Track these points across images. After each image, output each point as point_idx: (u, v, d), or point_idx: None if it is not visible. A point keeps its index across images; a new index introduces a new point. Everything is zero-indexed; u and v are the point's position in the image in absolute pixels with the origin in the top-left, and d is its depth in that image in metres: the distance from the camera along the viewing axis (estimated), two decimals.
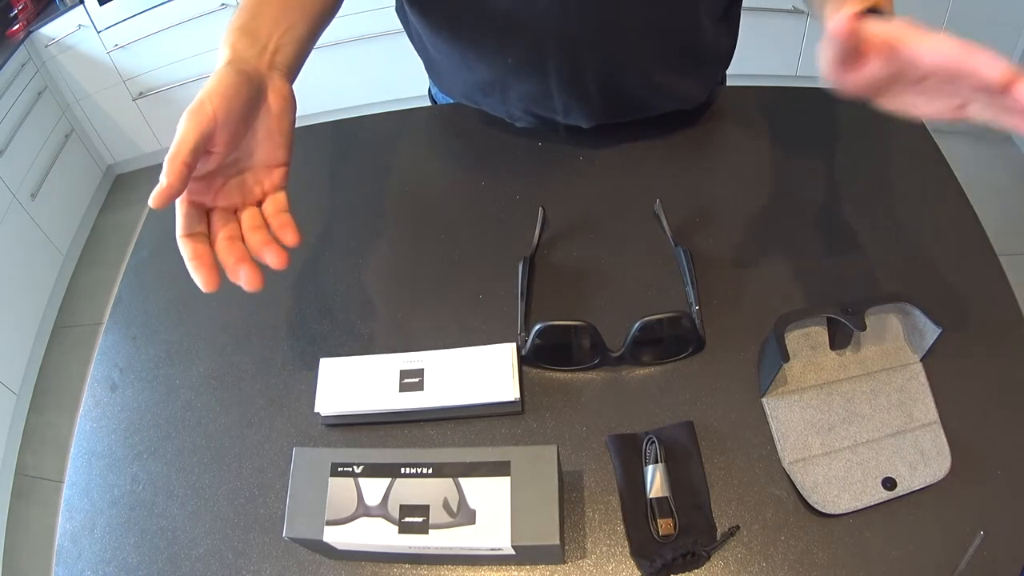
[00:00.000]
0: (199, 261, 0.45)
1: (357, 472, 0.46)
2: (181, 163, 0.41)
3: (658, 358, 0.57)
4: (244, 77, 0.45)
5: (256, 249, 0.47)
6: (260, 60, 0.48)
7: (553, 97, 0.69)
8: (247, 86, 0.45)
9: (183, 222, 0.46)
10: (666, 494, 0.49)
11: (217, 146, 0.44)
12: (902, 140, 0.73)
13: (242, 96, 0.45)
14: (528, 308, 0.62)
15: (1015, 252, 1.67)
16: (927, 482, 0.49)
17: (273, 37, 0.50)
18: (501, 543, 0.43)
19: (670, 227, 0.65)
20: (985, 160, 1.97)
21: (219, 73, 0.45)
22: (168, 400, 0.61)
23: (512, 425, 0.56)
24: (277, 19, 0.51)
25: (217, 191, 0.48)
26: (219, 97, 0.44)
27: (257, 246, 0.47)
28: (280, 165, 0.49)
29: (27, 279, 1.93)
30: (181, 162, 0.41)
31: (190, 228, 0.46)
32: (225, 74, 0.45)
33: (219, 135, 0.44)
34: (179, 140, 0.42)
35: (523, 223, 0.67)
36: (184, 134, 0.42)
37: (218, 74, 0.45)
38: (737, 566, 0.47)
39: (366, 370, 0.56)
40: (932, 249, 0.62)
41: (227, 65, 0.46)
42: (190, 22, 2.03)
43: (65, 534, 0.55)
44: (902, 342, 0.56)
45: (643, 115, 0.73)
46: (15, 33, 1.99)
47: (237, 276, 0.46)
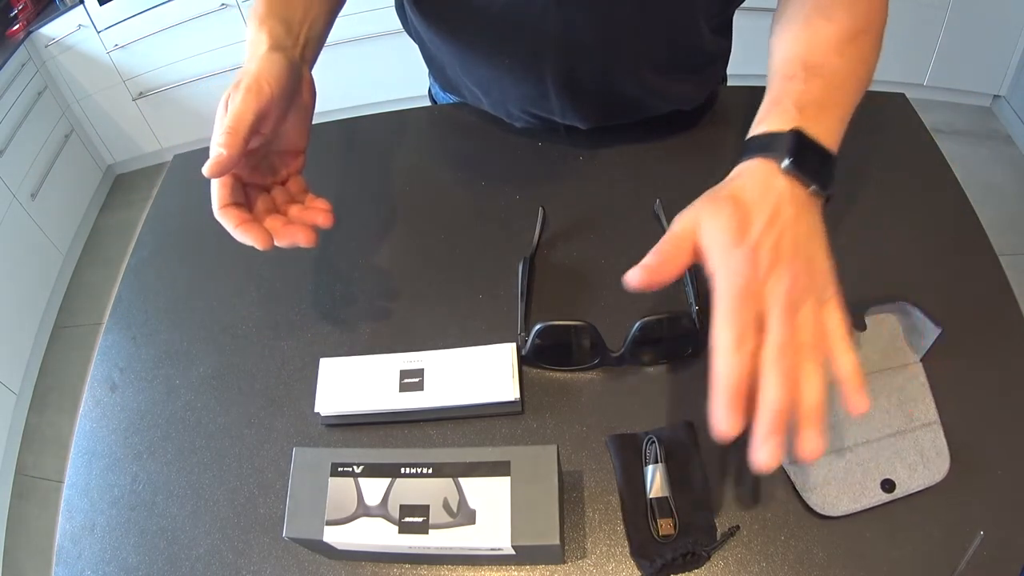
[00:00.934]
0: (248, 225, 0.47)
1: (357, 472, 0.46)
2: (241, 136, 0.43)
3: (658, 358, 0.57)
4: (291, 65, 0.48)
5: (296, 219, 0.50)
6: (295, 51, 0.50)
7: (550, 98, 0.69)
8: (293, 74, 0.48)
9: (224, 192, 0.47)
10: (666, 494, 0.49)
11: (266, 126, 0.47)
12: (902, 140, 0.73)
13: (290, 82, 0.47)
14: (528, 308, 0.62)
15: (1015, 252, 1.67)
16: (926, 483, 0.49)
17: (303, 29, 0.52)
18: (501, 543, 0.43)
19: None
20: (985, 160, 1.97)
21: (268, 58, 0.47)
22: (168, 400, 0.61)
23: (512, 425, 0.56)
24: (306, 10, 0.52)
25: (253, 168, 0.50)
26: (275, 79, 0.46)
27: (296, 216, 0.50)
28: (301, 152, 0.52)
29: (27, 279, 1.94)
30: (241, 136, 0.43)
31: (231, 199, 0.47)
32: (276, 59, 0.47)
33: (270, 116, 0.46)
34: (238, 114, 0.44)
35: (523, 223, 0.67)
36: (242, 110, 0.44)
37: (268, 59, 0.47)
38: (737, 566, 0.47)
39: (366, 370, 0.56)
40: (932, 249, 0.62)
41: (273, 51, 0.48)
42: (190, 22, 2.03)
43: (65, 534, 0.55)
44: (902, 342, 0.56)
45: (640, 117, 0.74)
46: (15, 33, 1.99)
47: (293, 237, 0.48)
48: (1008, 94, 2.01)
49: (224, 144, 0.43)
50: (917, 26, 1.91)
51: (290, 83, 0.48)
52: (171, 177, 0.82)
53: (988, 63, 1.97)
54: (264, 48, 0.48)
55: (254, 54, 0.48)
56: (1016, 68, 1.94)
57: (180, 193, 0.80)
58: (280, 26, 0.50)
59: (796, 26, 0.51)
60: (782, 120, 0.45)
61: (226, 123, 0.44)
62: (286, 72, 0.47)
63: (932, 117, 2.01)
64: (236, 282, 0.68)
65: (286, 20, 0.51)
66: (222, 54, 2.12)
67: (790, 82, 0.47)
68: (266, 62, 0.47)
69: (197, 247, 0.73)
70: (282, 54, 0.48)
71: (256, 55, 0.48)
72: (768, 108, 0.47)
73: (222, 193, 0.47)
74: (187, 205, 0.79)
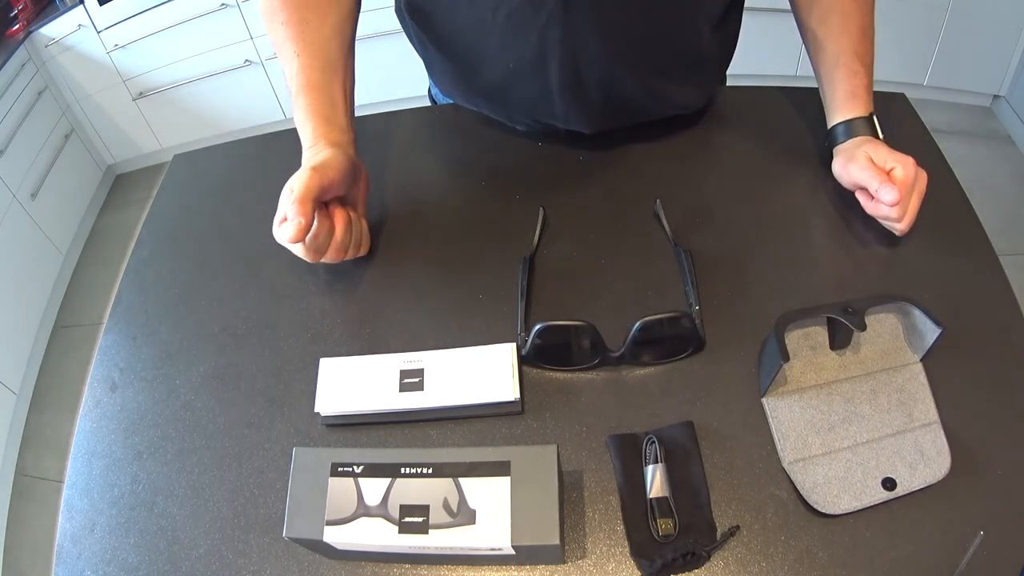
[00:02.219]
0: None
1: (357, 472, 0.46)
2: (309, 205, 0.56)
3: (658, 358, 0.57)
4: (350, 161, 0.62)
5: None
6: (351, 146, 0.64)
7: (554, 102, 0.69)
8: (351, 167, 0.62)
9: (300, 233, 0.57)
10: (666, 494, 0.49)
11: (326, 196, 0.60)
12: (902, 140, 0.73)
13: (348, 173, 0.61)
14: (528, 308, 0.62)
15: (1015, 252, 1.67)
16: (927, 482, 0.49)
17: (350, 125, 0.65)
18: (501, 543, 0.43)
19: (670, 227, 0.65)
20: (985, 160, 1.97)
21: (334, 155, 0.60)
22: (168, 400, 0.61)
23: (512, 425, 0.56)
24: (347, 108, 0.66)
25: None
26: (334, 171, 0.59)
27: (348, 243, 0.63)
28: (362, 201, 0.67)
29: (27, 279, 1.93)
30: (309, 204, 0.56)
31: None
32: (338, 157, 0.60)
33: (329, 191, 0.59)
34: (304, 188, 0.56)
35: (523, 223, 0.67)
36: (308, 184, 0.56)
37: (334, 156, 0.60)
38: (737, 566, 0.47)
39: (366, 370, 0.56)
40: (932, 249, 0.63)
41: (336, 148, 0.61)
42: (190, 22, 2.03)
43: (65, 534, 0.55)
44: (902, 342, 0.56)
45: (642, 120, 0.74)
46: (15, 33, 1.99)
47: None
48: (1008, 94, 2.01)
49: (298, 213, 0.55)
50: (917, 26, 1.91)
51: (349, 173, 0.61)
52: (171, 177, 0.82)
53: (988, 63, 1.97)
54: (322, 146, 0.61)
55: (315, 152, 0.61)
56: (1016, 68, 1.94)
57: (180, 193, 0.80)
58: (334, 129, 0.63)
59: (837, 16, 0.66)
60: (864, 108, 0.65)
61: (294, 195, 0.55)
62: (345, 167, 0.61)
63: (932, 117, 2.00)
64: (236, 282, 0.68)
65: (336, 123, 0.64)
66: (222, 54, 2.12)
67: (855, 77, 0.65)
68: (330, 158, 0.60)
69: (197, 247, 0.73)
70: (342, 152, 0.61)
71: (317, 149, 0.61)
72: (849, 100, 0.66)
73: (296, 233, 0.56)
74: (187, 205, 0.79)
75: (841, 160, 0.65)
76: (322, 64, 0.64)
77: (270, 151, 0.82)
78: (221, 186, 0.80)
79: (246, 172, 0.81)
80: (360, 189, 0.66)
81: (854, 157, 0.62)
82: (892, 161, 0.60)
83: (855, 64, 0.65)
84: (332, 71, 0.65)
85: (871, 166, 0.60)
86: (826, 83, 0.68)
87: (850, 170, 0.62)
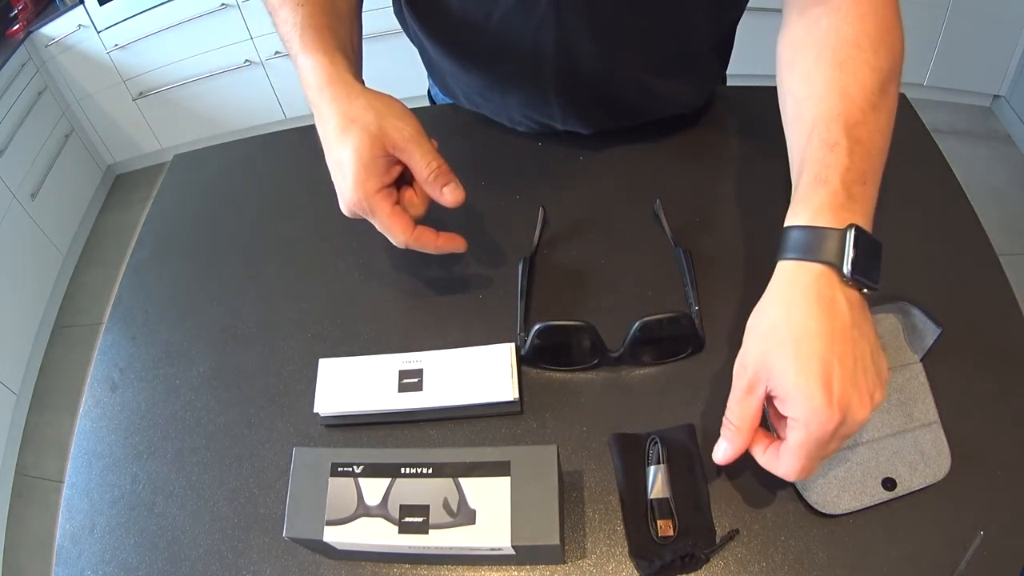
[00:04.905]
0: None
1: (357, 472, 0.46)
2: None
3: (658, 358, 0.57)
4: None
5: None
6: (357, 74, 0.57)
7: (551, 103, 0.69)
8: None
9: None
10: (667, 495, 0.49)
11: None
12: (902, 140, 0.72)
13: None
14: (528, 308, 0.62)
15: (1015, 252, 1.67)
16: (927, 482, 0.49)
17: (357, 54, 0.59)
18: (501, 543, 0.43)
19: (670, 227, 0.65)
20: (985, 160, 1.97)
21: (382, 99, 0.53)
22: (168, 400, 0.61)
23: (512, 425, 0.56)
24: (359, 60, 0.60)
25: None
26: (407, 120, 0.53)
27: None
28: None
29: (27, 279, 1.94)
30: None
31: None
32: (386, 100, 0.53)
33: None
34: (426, 152, 0.52)
35: (523, 223, 0.67)
36: (425, 146, 0.52)
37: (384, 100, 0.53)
38: (737, 566, 0.47)
39: (365, 370, 0.56)
40: (932, 249, 0.62)
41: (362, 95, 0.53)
42: (190, 22, 2.03)
43: (65, 534, 0.55)
44: (902, 342, 0.56)
45: (640, 121, 0.74)
46: (15, 33, 1.99)
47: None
48: (1008, 94, 2.01)
49: (445, 172, 0.52)
50: (917, 26, 1.91)
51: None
52: (171, 177, 0.82)
53: (988, 63, 1.97)
54: (358, 88, 0.53)
55: (350, 93, 0.52)
56: (1016, 68, 1.94)
57: (180, 193, 0.80)
58: (351, 66, 0.55)
59: (827, 68, 0.47)
60: (833, 209, 0.42)
61: (428, 151, 0.51)
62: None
63: (932, 117, 2.01)
64: (236, 282, 0.68)
65: (351, 59, 0.56)
66: (222, 54, 2.12)
67: (832, 152, 0.43)
68: (386, 102, 0.52)
69: (197, 247, 0.73)
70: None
71: (352, 91, 0.52)
72: (812, 187, 0.43)
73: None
74: (187, 205, 0.79)
75: (756, 333, 0.43)
76: (330, 14, 0.57)
77: (270, 151, 0.82)
78: (221, 186, 0.80)
79: (246, 172, 0.81)
80: None
81: (768, 353, 0.41)
82: (795, 409, 0.39)
83: (836, 134, 0.44)
84: (341, 22, 0.58)
85: (754, 379, 0.42)
86: (794, 161, 0.49)
87: (752, 370, 0.42)
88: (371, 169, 0.50)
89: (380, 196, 0.51)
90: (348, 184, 0.51)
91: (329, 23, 0.55)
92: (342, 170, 0.51)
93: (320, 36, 0.54)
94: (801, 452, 0.40)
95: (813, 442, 0.39)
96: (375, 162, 0.50)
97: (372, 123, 0.50)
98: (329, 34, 0.54)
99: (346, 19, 0.58)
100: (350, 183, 0.51)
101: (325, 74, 0.52)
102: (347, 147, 0.50)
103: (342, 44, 0.55)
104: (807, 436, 0.39)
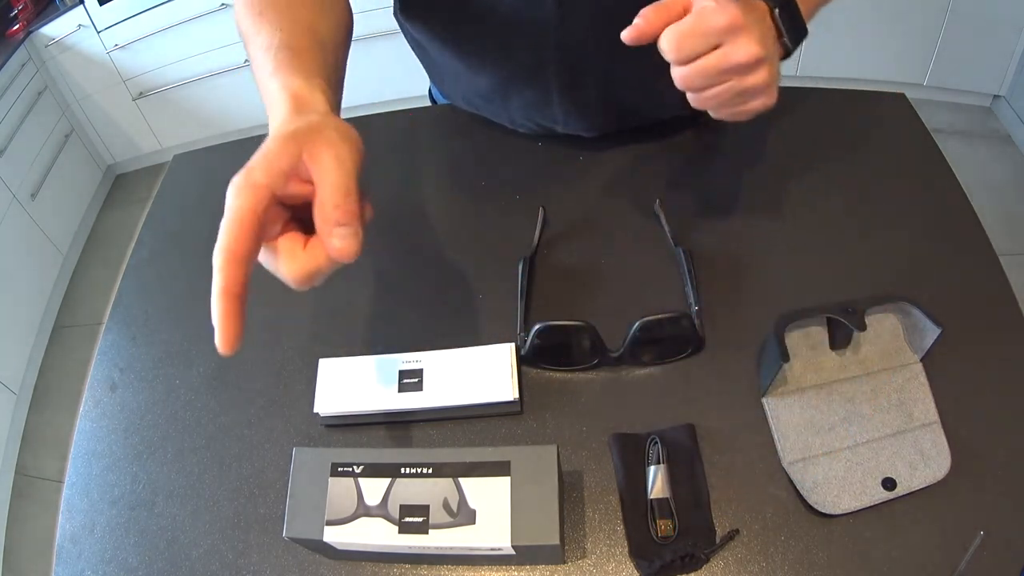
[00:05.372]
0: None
1: (357, 472, 0.46)
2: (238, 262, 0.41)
3: (658, 358, 0.57)
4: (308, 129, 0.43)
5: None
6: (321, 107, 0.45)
7: (553, 105, 0.69)
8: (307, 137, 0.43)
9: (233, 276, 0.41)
10: (667, 495, 0.49)
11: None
12: (902, 140, 0.73)
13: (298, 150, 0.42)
14: (528, 308, 0.62)
15: (1015, 252, 1.67)
16: (927, 482, 0.49)
17: (334, 101, 0.48)
18: (501, 543, 0.43)
19: (670, 227, 0.65)
20: (985, 160, 1.97)
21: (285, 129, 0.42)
22: (168, 400, 0.61)
23: (512, 425, 0.56)
24: (334, 85, 0.50)
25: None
26: (274, 160, 0.41)
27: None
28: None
29: (27, 279, 1.93)
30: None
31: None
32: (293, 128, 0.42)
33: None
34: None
35: (523, 223, 0.67)
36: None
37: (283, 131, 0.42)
38: (737, 566, 0.47)
39: (365, 370, 0.56)
40: (932, 249, 0.62)
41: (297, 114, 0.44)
42: (190, 22, 2.03)
43: (65, 534, 0.55)
44: (902, 342, 0.56)
45: (640, 123, 0.74)
46: (15, 33, 1.99)
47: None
48: (1008, 94, 2.01)
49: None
50: (917, 26, 1.91)
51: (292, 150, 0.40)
52: (171, 177, 0.82)
53: (988, 63, 1.97)
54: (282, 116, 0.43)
55: (316, 115, 0.42)
56: (1016, 68, 1.94)
57: (180, 193, 0.80)
58: (305, 85, 0.45)
59: None
60: None
61: (349, 197, 0.38)
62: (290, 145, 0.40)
63: (932, 117, 2.00)
64: None
65: (309, 80, 0.45)
66: (222, 54, 2.12)
67: None
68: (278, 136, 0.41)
69: (197, 247, 0.73)
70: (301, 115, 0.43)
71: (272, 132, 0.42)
72: None
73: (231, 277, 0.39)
74: (187, 205, 0.79)
75: None
76: (310, 40, 0.50)
77: None
78: (221, 186, 0.79)
79: None
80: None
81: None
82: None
83: None
84: (323, 48, 0.50)
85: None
86: None
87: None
88: (268, 159, 0.40)
89: (251, 193, 0.40)
90: (241, 170, 0.40)
91: (310, 46, 0.49)
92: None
93: (297, 57, 0.47)
94: (683, 28, 0.46)
95: (698, 27, 0.46)
96: (279, 156, 0.40)
97: (307, 126, 0.41)
98: (309, 56, 0.47)
99: (329, 47, 0.51)
100: (244, 168, 0.41)
101: (296, 96, 0.44)
102: (269, 135, 0.42)
103: (322, 70, 0.47)
104: (695, 18, 0.45)
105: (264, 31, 0.50)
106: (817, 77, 1.98)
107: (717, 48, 0.46)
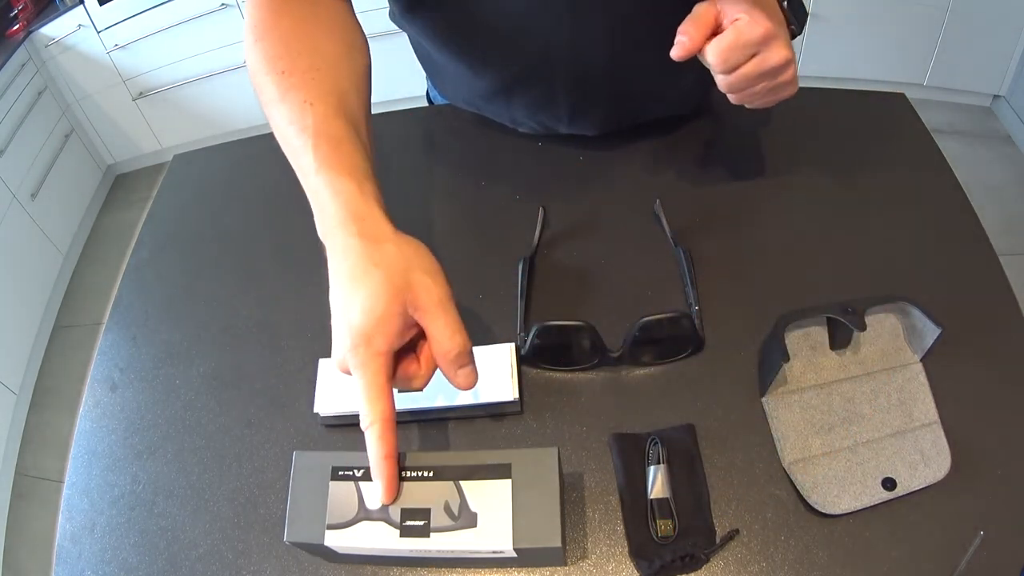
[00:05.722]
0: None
1: (358, 476, 0.45)
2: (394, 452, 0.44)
3: (658, 358, 0.57)
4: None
5: None
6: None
7: (559, 104, 0.69)
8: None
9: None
10: (667, 495, 0.49)
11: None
12: (902, 140, 0.73)
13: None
14: (528, 308, 0.62)
15: (1015, 252, 1.67)
16: (927, 482, 0.49)
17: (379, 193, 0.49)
18: (503, 546, 0.43)
19: (670, 227, 0.65)
20: (985, 160, 1.97)
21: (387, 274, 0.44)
22: (168, 400, 0.61)
23: (512, 425, 0.56)
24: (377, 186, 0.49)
25: None
26: (387, 320, 0.43)
27: None
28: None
29: (27, 279, 1.93)
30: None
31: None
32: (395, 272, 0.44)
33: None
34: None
35: (523, 223, 0.67)
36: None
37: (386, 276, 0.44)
38: (737, 566, 0.47)
39: None
40: (932, 249, 0.63)
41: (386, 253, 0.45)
42: (190, 22, 2.03)
43: (65, 534, 0.55)
44: (902, 342, 0.56)
45: (641, 121, 0.73)
46: (15, 33, 1.99)
47: None
48: (1008, 94, 2.01)
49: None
50: (917, 26, 1.91)
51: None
52: (171, 177, 0.82)
53: (988, 63, 1.97)
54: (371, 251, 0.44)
55: (383, 241, 0.44)
56: (1016, 68, 1.94)
57: (180, 193, 0.80)
58: (374, 207, 0.46)
59: None
60: None
61: (459, 339, 0.44)
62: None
63: (932, 117, 2.00)
64: (236, 282, 0.68)
65: (373, 195, 0.47)
66: (222, 54, 2.12)
67: None
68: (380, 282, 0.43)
69: (197, 247, 0.73)
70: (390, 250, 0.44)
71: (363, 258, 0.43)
72: None
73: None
74: (187, 205, 0.79)
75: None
76: (344, 123, 0.49)
77: (270, 151, 0.82)
78: (221, 186, 0.80)
79: (246, 172, 0.81)
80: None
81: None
82: (738, 8, 0.51)
83: None
84: (359, 131, 0.50)
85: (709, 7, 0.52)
86: None
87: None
88: (383, 325, 0.42)
89: (381, 361, 0.42)
90: (353, 333, 0.42)
91: (347, 133, 0.48)
92: (347, 316, 0.42)
93: (339, 151, 0.47)
94: (725, 43, 0.51)
95: (738, 41, 0.51)
96: (391, 319, 0.42)
97: (398, 274, 0.43)
98: (350, 148, 0.48)
99: (362, 125, 0.51)
100: (356, 332, 0.42)
101: (352, 205, 0.45)
102: (361, 292, 0.42)
103: (366, 163, 0.48)
104: (735, 34, 0.51)
105: (290, 101, 0.50)
106: (817, 77, 1.99)
107: (755, 56, 0.52)
